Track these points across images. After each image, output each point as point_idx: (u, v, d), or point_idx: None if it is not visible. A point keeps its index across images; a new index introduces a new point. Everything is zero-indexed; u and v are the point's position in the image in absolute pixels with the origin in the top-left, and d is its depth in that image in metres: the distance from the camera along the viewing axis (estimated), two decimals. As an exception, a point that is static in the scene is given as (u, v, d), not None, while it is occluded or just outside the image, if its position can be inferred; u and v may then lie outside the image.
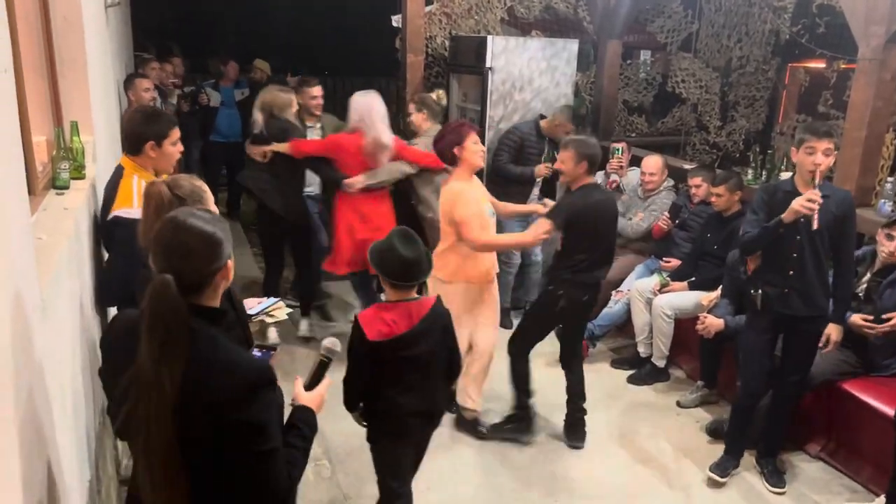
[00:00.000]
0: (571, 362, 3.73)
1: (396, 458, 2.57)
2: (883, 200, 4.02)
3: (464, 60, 5.60)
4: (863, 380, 3.46)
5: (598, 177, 5.36)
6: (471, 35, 6.07)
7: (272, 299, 2.58)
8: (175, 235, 1.49)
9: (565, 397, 3.73)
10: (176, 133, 2.70)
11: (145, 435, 1.40)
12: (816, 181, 2.90)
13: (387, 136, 4.16)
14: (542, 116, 5.01)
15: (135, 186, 2.56)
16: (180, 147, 2.75)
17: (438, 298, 2.53)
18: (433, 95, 4.94)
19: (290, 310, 2.66)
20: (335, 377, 1.98)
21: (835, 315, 3.22)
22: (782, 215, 2.96)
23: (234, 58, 7.21)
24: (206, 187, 2.08)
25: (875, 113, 3.85)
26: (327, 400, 1.86)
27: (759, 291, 3.17)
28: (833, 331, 3.24)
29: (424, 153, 4.26)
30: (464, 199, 3.34)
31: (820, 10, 5.23)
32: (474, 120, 5.55)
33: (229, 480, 1.48)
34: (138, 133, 2.63)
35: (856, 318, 3.39)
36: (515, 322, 5.00)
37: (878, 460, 3.29)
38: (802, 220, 2.92)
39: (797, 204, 2.88)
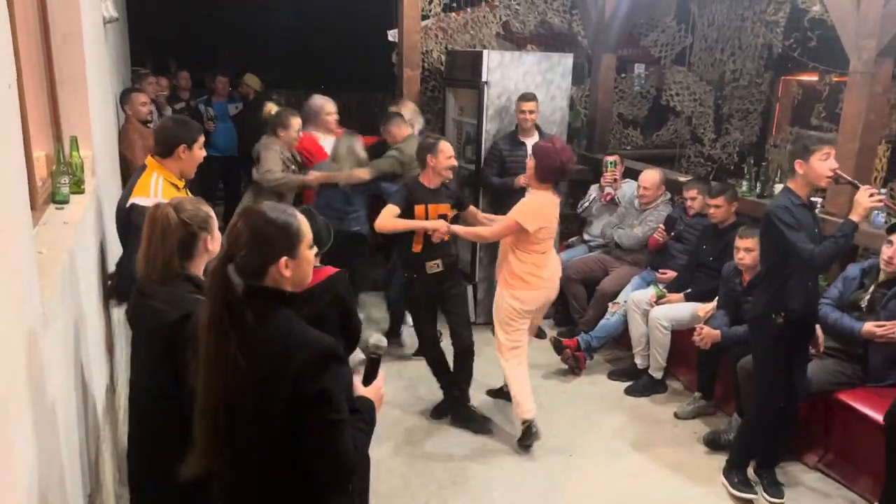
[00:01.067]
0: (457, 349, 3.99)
1: None
2: (876, 212, 4.05)
3: (460, 75, 5.63)
4: (860, 390, 3.47)
5: (594, 189, 5.43)
6: (467, 49, 6.12)
7: None
8: (250, 221, 1.63)
9: (559, 407, 3.77)
10: (202, 138, 2.96)
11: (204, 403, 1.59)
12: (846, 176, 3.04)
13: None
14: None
15: (153, 181, 2.78)
16: (204, 151, 3.00)
17: (341, 271, 2.68)
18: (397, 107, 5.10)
19: None
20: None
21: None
22: (851, 216, 2.97)
23: (231, 72, 7.24)
24: (209, 210, 2.11)
25: (867, 125, 3.89)
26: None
27: (782, 313, 3.12)
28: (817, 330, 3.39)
29: None
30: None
31: (811, 24, 5.29)
32: (470, 134, 5.59)
33: (301, 448, 1.59)
34: (173, 136, 2.86)
35: (869, 326, 3.40)
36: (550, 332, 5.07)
37: (874, 470, 3.29)
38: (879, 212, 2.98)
39: (867, 201, 2.93)
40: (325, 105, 5.03)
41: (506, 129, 5.20)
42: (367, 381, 1.93)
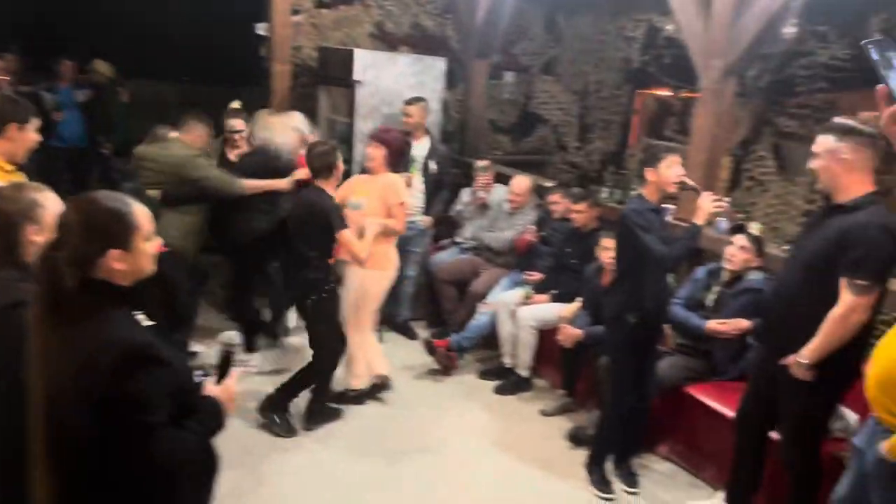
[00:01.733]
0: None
1: None
2: (720, 219, 4.38)
3: (332, 72, 5.54)
4: (706, 385, 3.73)
5: (466, 194, 5.51)
6: (339, 47, 6.02)
7: None
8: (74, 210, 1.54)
9: (431, 408, 3.79)
10: (38, 122, 2.79)
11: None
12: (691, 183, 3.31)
13: None
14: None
15: None
16: (39, 136, 2.81)
17: (168, 251, 2.70)
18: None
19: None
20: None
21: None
22: (696, 220, 3.21)
23: (79, 59, 6.71)
24: (38, 197, 1.93)
25: (714, 139, 4.20)
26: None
27: (637, 313, 3.27)
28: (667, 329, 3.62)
29: None
30: None
31: (666, 42, 5.66)
32: (342, 132, 5.51)
33: (115, 453, 1.49)
34: (2, 114, 2.66)
35: (712, 324, 3.66)
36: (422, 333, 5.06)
37: (719, 459, 3.55)
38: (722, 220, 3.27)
39: (709, 206, 3.18)
40: None
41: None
42: (220, 379, 1.85)
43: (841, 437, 3.16)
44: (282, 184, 4.22)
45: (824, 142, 2.62)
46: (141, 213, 1.60)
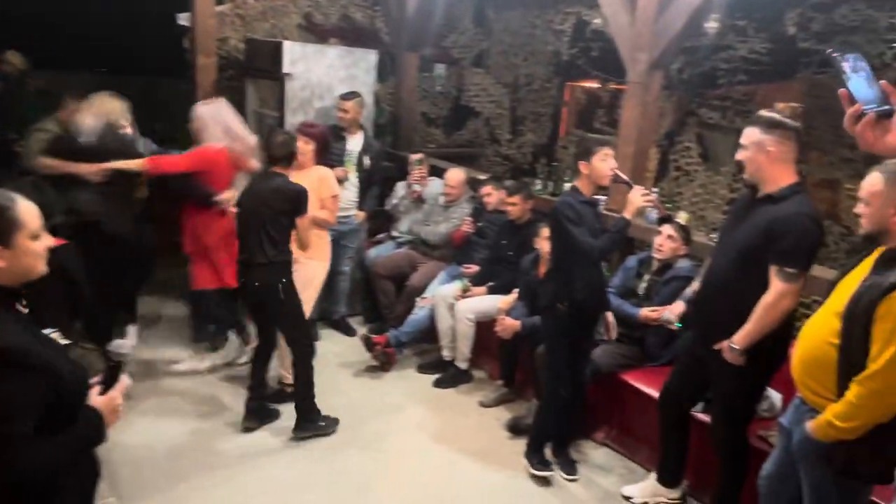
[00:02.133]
0: (262, 348, 3.92)
1: None
2: (650, 209, 4.50)
3: (260, 65, 5.40)
4: (639, 371, 3.83)
5: (401, 187, 5.48)
6: (267, 39, 5.87)
7: None
8: None
9: (371, 404, 3.77)
10: None
11: None
12: (624, 176, 3.37)
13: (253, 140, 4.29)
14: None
15: None
16: None
17: (66, 244, 2.61)
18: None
19: None
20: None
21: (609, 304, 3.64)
22: (625, 213, 3.27)
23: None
24: None
25: (642, 131, 4.30)
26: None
27: (566, 302, 3.33)
28: (610, 316, 3.65)
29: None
30: None
31: (594, 36, 5.76)
32: (272, 126, 5.38)
33: None
34: None
35: (645, 312, 3.76)
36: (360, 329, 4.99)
37: (652, 442, 3.66)
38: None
39: (639, 199, 3.23)
40: None
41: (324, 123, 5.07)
42: (106, 388, 1.77)
43: (766, 416, 3.31)
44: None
45: (751, 134, 2.71)
46: (26, 210, 1.53)
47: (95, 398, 1.72)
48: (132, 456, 3.44)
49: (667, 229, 3.81)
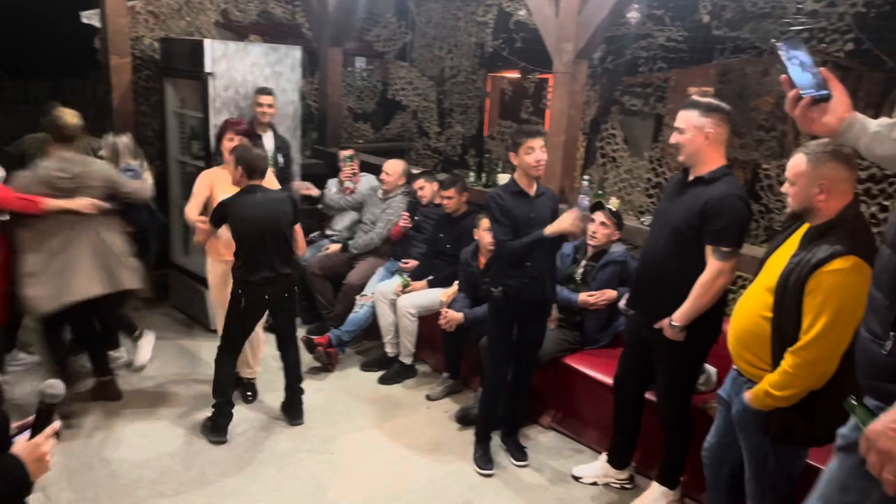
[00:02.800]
0: (286, 351, 3.94)
1: None
2: (581, 196, 4.62)
3: (179, 64, 5.21)
4: (581, 354, 3.93)
5: (332, 184, 5.42)
6: (185, 38, 5.68)
7: None
8: None
9: (316, 406, 3.77)
10: None
11: None
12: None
13: None
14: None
15: None
16: None
17: None
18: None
19: None
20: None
21: (554, 295, 3.65)
22: (545, 230, 3.26)
23: None
24: None
25: (570, 120, 4.39)
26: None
27: (500, 288, 3.41)
28: (553, 309, 3.68)
29: None
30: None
31: (517, 26, 5.82)
32: (195, 128, 5.22)
33: None
34: None
35: (583, 297, 3.85)
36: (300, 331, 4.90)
37: (598, 423, 3.78)
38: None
39: (566, 224, 3.24)
40: None
41: (237, 123, 4.94)
42: (34, 432, 1.61)
43: (703, 390, 3.46)
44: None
45: (689, 117, 2.79)
46: None
47: (20, 445, 1.56)
48: (63, 477, 3.30)
49: (599, 216, 3.90)
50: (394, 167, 5.01)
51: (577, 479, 3.55)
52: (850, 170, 2.23)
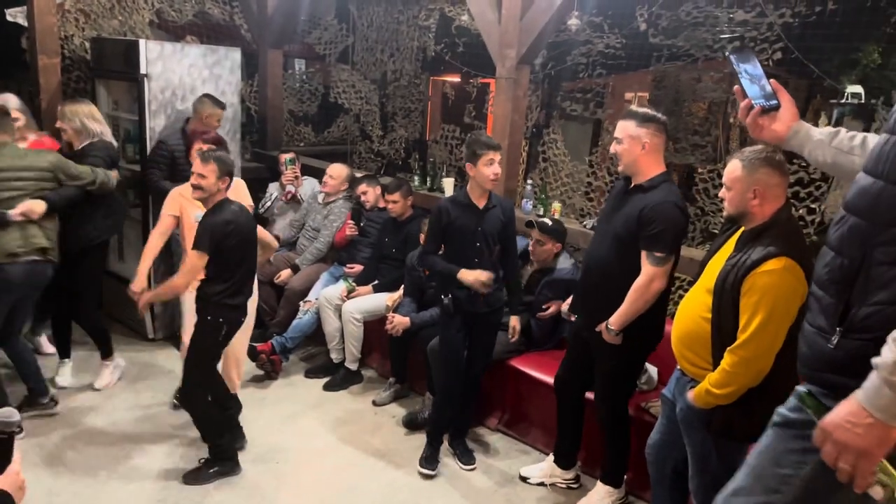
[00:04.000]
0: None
1: None
2: (525, 199, 4.68)
3: (111, 65, 5.03)
4: (526, 356, 3.98)
5: (274, 188, 5.33)
6: (118, 38, 5.49)
7: None
8: None
9: (260, 415, 3.64)
10: None
11: None
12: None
13: None
14: (188, 120, 4.67)
15: None
16: None
17: None
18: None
19: None
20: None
21: (513, 308, 3.63)
22: (459, 274, 3.33)
23: None
24: None
25: (513, 125, 4.44)
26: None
27: (450, 296, 3.41)
28: (514, 321, 3.63)
29: None
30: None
31: (458, 31, 5.85)
32: (130, 131, 5.06)
33: None
34: None
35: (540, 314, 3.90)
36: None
37: (544, 424, 3.82)
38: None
39: (475, 282, 3.32)
40: None
41: (173, 126, 4.81)
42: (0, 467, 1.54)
43: (645, 389, 3.55)
44: None
45: (627, 127, 2.87)
46: None
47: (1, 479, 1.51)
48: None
49: (534, 234, 3.91)
50: (338, 171, 4.96)
51: (524, 479, 3.58)
52: (782, 175, 2.33)
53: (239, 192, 3.71)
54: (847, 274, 1.53)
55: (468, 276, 3.33)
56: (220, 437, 3.45)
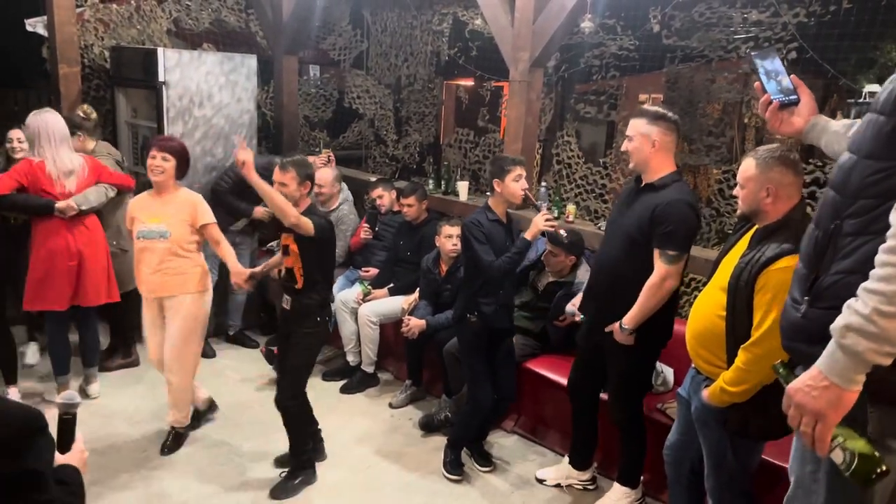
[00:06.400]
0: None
1: None
2: (539, 202, 4.67)
3: (131, 73, 5.13)
4: (541, 358, 3.98)
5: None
6: (136, 46, 5.58)
7: None
8: None
9: (277, 419, 3.65)
10: None
11: None
12: (533, 199, 3.42)
13: (67, 158, 3.85)
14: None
15: None
16: None
17: None
18: (79, 112, 4.49)
19: None
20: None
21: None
22: (527, 234, 3.26)
23: None
24: None
25: (527, 128, 4.46)
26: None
27: (476, 314, 3.39)
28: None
29: (121, 174, 4.23)
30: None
31: (472, 35, 5.88)
32: (147, 137, 5.13)
33: None
34: None
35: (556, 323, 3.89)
36: (219, 350, 4.81)
37: (559, 426, 3.82)
38: (544, 235, 3.37)
39: (542, 224, 3.22)
40: None
41: (190, 133, 4.88)
42: (64, 446, 1.62)
43: (661, 391, 3.54)
44: None
45: (637, 125, 2.88)
46: None
47: (62, 456, 1.59)
48: None
49: (547, 245, 3.90)
50: (324, 177, 4.79)
51: (540, 481, 3.58)
52: (796, 174, 2.32)
53: (192, 205, 3.64)
54: (820, 245, 1.59)
55: (534, 228, 3.24)
56: (306, 446, 3.50)
